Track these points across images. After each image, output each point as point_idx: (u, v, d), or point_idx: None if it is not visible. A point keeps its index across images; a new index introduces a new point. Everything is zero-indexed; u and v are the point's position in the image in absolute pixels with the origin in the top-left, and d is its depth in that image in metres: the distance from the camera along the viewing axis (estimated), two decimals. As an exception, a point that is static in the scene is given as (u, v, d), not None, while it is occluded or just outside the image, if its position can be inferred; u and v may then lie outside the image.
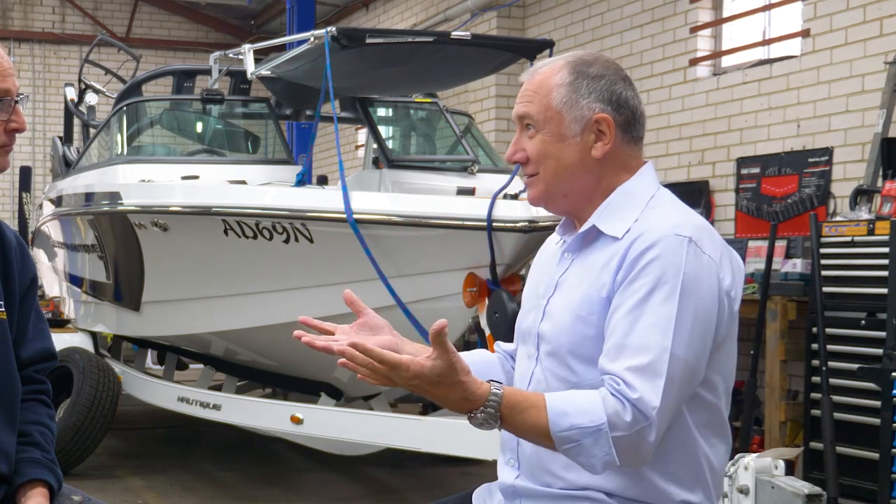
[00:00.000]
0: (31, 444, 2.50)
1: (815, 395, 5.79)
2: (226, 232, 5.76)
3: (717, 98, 7.90)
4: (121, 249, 6.84)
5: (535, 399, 2.05)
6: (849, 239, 5.75)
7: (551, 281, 2.27)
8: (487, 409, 2.00)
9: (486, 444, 4.80)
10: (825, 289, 5.76)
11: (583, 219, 2.25)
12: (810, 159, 7.00)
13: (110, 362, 7.45)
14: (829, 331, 5.72)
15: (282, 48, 7.24)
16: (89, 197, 7.15)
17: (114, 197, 6.63)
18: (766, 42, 7.83)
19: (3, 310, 2.48)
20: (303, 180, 5.88)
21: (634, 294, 2.06)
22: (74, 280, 8.11)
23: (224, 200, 5.81)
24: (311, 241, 5.46)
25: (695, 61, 8.21)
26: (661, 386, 2.00)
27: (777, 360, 6.22)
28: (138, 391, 7.25)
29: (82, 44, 14.71)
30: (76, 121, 9.15)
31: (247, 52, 6.65)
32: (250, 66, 6.58)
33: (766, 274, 6.15)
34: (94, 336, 7.88)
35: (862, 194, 6.10)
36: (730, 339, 2.18)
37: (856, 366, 5.55)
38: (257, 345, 6.55)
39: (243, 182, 6.37)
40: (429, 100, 7.53)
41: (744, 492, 4.57)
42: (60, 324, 8.28)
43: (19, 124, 2.44)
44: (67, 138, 9.35)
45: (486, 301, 5.04)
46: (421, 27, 11.51)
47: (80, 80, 9.06)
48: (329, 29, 5.57)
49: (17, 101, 2.42)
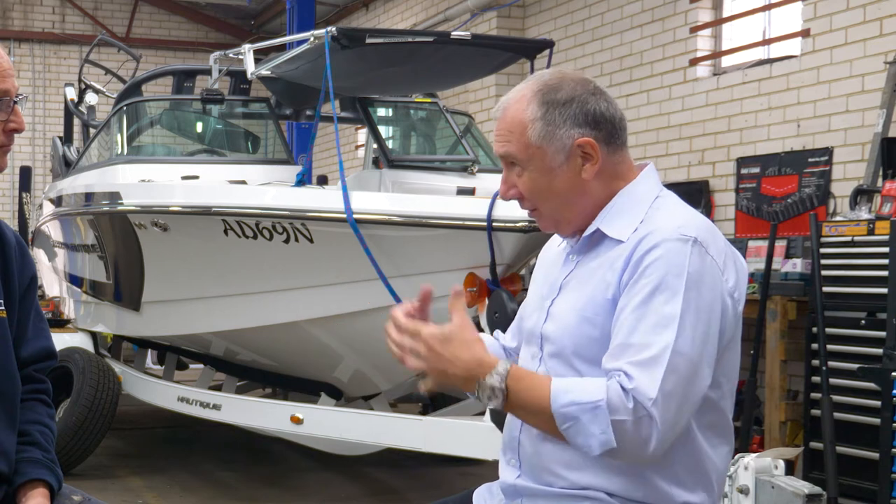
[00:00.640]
0: (32, 444, 2.50)
1: (815, 395, 5.79)
2: (226, 232, 5.76)
3: (717, 98, 7.90)
4: (121, 249, 6.83)
5: (541, 377, 2.10)
6: (849, 239, 5.75)
7: (555, 283, 2.27)
8: (494, 376, 2.05)
9: (486, 444, 4.79)
10: (825, 289, 5.76)
11: (588, 225, 2.25)
12: (810, 159, 7.00)
13: (110, 362, 7.45)
14: (829, 331, 5.72)
15: (282, 48, 7.24)
16: (89, 197, 7.15)
17: (114, 197, 6.63)
18: (766, 42, 7.83)
19: (3, 309, 2.48)
20: (303, 180, 5.88)
21: (638, 294, 2.07)
22: (74, 280, 8.11)
23: (224, 200, 5.81)
24: (311, 241, 5.46)
25: (695, 61, 8.21)
26: (658, 378, 2.00)
27: (777, 360, 6.22)
28: (138, 391, 7.24)
29: (82, 44, 14.71)
30: (76, 121, 9.15)
31: (247, 52, 6.65)
32: (250, 66, 6.58)
33: (766, 274, 6.15)
34: (94, 336, 7.87)
35: (862, 194, 6.11)
36: (734, 341, 2.18)
37: (856, 366, 5.55)
38: (257, 345, 6.55)
39: (243, 182, 6.37)
40: (429, 100, 7.53)
41: (744, 492, 4.56)
42: (60, 324, 8.28)
43: (18, 124, 2.44)
44: (67, 138, 9.34)
45: (486, 301, 5.04)
46: (421, 27, 11.51)
47: (80, 80, 9.06)
48: (329, 29, 5.57)
49: (16, 102, 2.43)
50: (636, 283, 2.08)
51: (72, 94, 9.09)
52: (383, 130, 7.63)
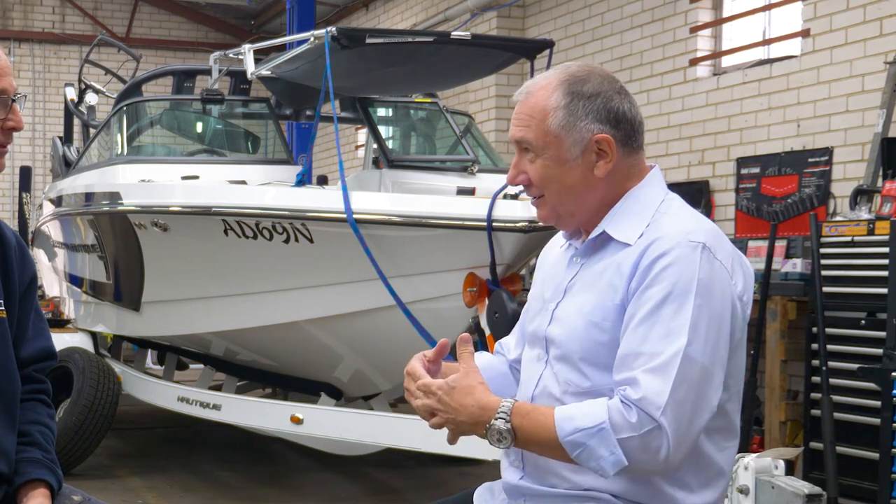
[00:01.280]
0: (32, 444, 2.50)
1: (815, 395, 5.79)
2: (226, 232, 5.76)
3: (717, 98, 7.90)
4: (121, 249, 6.83)
5: (544, 408, 2.10)
6: (849, 239, 5.75)
7: (560, 285, 2.26)
8: (500, 418, 2.08)
9: (485, 445, 4.78)
10: (825, 289, 5.76)
11: (592, 227, 2.24)
12: (810, 159, 7.00)
13: (110, 362, 7.45)
14: (829, 331, 5.72)
15: (282, 48, 7.23)
16: (89, 197, 7.14)
17: (114, 197, 6.63)
18: (766, 42, 7.83)
19: (3, 309, 2.48)
20: (303, 180, 5.88)
21: (648, 302, 2.06)
22: (74, 280, 8.11)
23: (224, 200, 5.81)
24: (311, 241, 5.46)
25: (695, 61, 8.21)
26: (668, 386, 1.99)
27: (777, 360, 6.22)
28: (138, 391, 7.24)
29: (82, 44, 14.71)
30: (76, 121, 9.15)
31: (247, 52, 6.65)
32: (250, 66, 6.58)
33: (766, 274, 6.15)
34: (94, 336, 7.87)
35: (862, 194, 6.11)
36: (741, 343, 2.19)
37: (856, 366, 5.55)
38: (257, 345, 6.55)
39: (243, 182, 6.37)
40: (429, 100, 7.53)
41: (744, 492, 4.57)
42: (60, 324, 8.28)
43: (16, 123, 2.44)
44: (67, 138, 9.34)
45: (486, 301, 5.03)
46: (421, 27, 11.51)
47: (80, 80, 9.06)
48: (329, 29, 5.57)
49: (14, 100, 2.43)
50: (646, 291, 2.07)
51: (72, 94, 9.09)
52: (383, 130, 7.63)
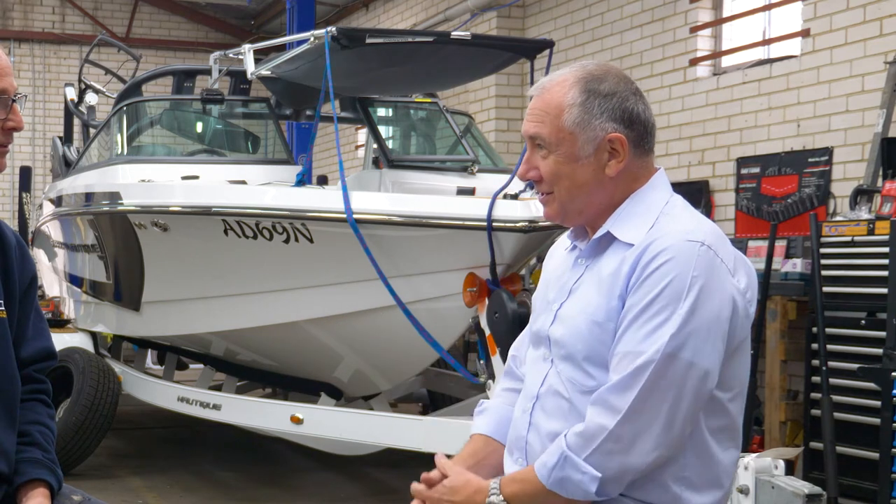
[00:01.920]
0: (32, 444, 2.50)
1: (815, 395, 5.79)
2: (226, 232, 5.76)
3: (717, 98, 7.90)
4: (121, 249, 6.83)
5: (524, 471, 2.18)
6: (849, 239, 5.75)
7: (564, 286, 2.26)
8: (492, 494, 2.16)
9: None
10: (825, 289, 5.76)
11: (597, 227, 2.24)
12: (810, 159, 6.99)
13: (110, 362, 7.45)
14: (829, 331, 5.72)
15: (282, 48, 7.24)
16: (89, 197, 7.15)
17: (114, 197, 6.63)
18: (766, 42, 7.83)
19: (3, 309, 2.48)
20: (303, 180, 5.88)
21: (641, 300, 2.07)
22: (74, 280, 8.11)
23: (224, 200, 5.81)
24: (311, 241, 5.46)
25: (695, 61, 8.21)
26: (634, 390, 2.04)
27: (777, 360, 6.22)
28: (138, 391, 7.24)
29: (82, 44, 14.71)
30: (76, 121, 9.15)
31: (247, 52, 6.65)
32: (250, 66, 6.58)
33: (766, 274, 6.15)
34: (94, 336, 7.87)
35: (862, 194, 6.11)
36: (745, 343, 2.18)
37: (856, 366, 5.55)
38: (257, 345, 6.55)
39: (243, 182, 6.37)
40: (429, 100, 7.53)
41: (744, 492, 4.56)
42: (60, 324, 8.28)
43: (17, 123, 2.44)
44: (67, 138, 9.35)
45: (486, 301, 5.03)
46: (421, 27, 11.51)
47: (80, 80, 9.06)
48: (329, 29, 5.57)
49: (14, 100, 2.43)
50: (640, 289, 2.08)
51: (72, 94, 9.09)
52: (383, 130, 7.63)
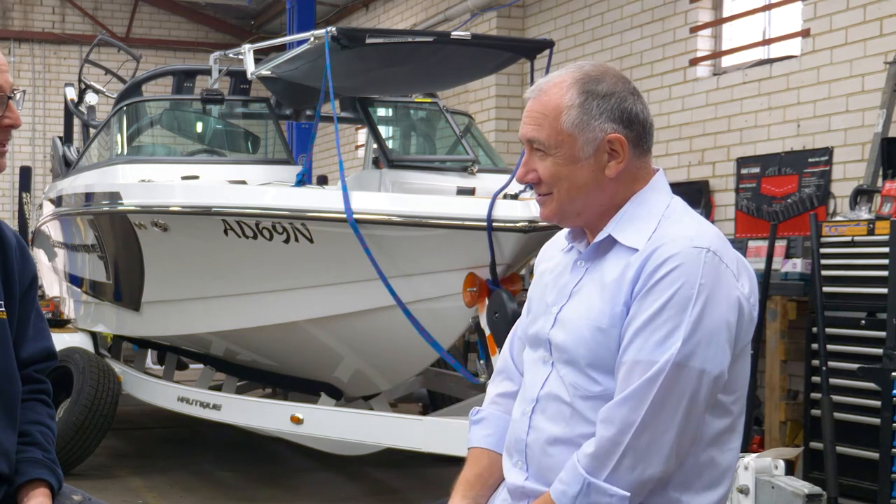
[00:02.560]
0: (32, 444, 2.50)
1: (815, 395, 5.79)
2: (226, 232, 5.76)
3: (717, 98, 7.90)
4: (121, 249, 6.83)
5: (541, 500, 2.16)
6: (849, 239, 5.75)
7: (564, 289, 2.25)
8: None
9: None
10: (825, 289, 5.76)
11: (595, 229, 2.23)
12: (810, 159, 7.00)
13: (110, 362, 7.45)
14: (829, 331, 5.72)
15: (282, 48, 7.24)
16: (89, 197, 7.15)
17: (114, 197, 6.63)
18: (766, 42, 7.83)
19: (4, 309, 2.48)
20: (303, 180, 5.88)
21: (649, 308, 2.06)
22: (74, 280, 8.11)
23: (224, 200, 5.81)
24: (311, 241, 5.46)
25: (695, 61, 8.21)
26: (645, 402, 2.03)
27: (777, 360, 6.22)
28: (138, 391, 7.24)
29: (82, 44, 14.71)
30: (76, 121, 9.15)
31: (247, 52, 6.65)
32: (250, 66, 6.58)
33: (766, 274, 6.15)
34: (94, 336, 7.87)
35: (862, 194, 6.11)
36: (747, 346, 2.18)
37: (856, 366, 5.55)
38: (257, 345, 6.55)
39: (243, 182, 6.37)
40: (429, 100, 7.53)
41: (744, 492, 4.56)
42: (60, 324, 8.28)
43: (13, 120, 2.44)
44: (67, 138, 9.35)
45: (486, 301, 5.03)
46: (421, 27, 11.51)
47: (80, 80, 9.06)
48: (329, 29, 5.57)
49: (10, 98, 2.42)
50: (647, 296, 2.07)
51: (72, 94, 9.09)
52: (383, 130, 7.63)
